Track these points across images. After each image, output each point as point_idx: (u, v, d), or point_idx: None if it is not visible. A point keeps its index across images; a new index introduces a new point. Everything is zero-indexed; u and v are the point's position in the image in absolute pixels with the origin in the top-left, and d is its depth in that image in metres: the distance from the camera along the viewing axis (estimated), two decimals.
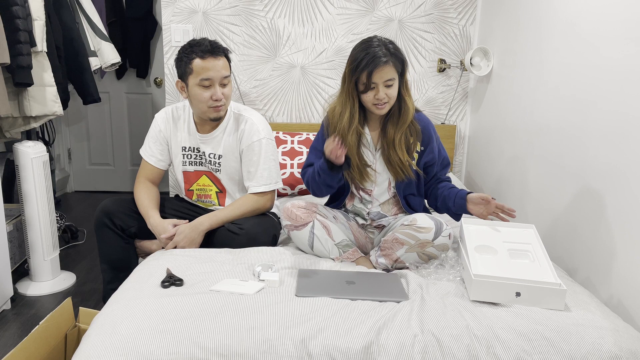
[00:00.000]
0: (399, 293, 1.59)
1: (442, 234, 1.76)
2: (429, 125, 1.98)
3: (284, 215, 1.92)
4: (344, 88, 1.89)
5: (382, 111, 1.86)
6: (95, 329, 1.39)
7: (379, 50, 1.79)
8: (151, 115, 4.09)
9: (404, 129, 1.89)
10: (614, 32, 1.82)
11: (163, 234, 1.95)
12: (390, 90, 1.83)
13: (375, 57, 1.78)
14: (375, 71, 1.78)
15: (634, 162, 1.69)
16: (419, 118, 1.97)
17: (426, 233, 1.75)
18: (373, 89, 1.82)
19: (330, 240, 1.87)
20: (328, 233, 1.88)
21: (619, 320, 1.49)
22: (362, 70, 1.79)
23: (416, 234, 1.76)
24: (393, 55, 1.81)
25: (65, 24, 2.74)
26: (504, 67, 2.77)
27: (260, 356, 1.32)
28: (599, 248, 1.87)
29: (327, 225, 1.88)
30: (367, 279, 1.70)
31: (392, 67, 1.80)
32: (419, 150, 1.95)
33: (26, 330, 2.19)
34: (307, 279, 1.66)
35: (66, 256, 3.00)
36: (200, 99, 1.96)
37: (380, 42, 1.82)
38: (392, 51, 1.82)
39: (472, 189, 3.10)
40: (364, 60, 1.79)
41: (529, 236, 1.79)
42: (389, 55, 1.80)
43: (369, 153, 1.95)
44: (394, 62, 1.80)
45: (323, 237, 1.87)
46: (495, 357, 1.34)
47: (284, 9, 3.07)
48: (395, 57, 1.81)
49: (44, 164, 2.54)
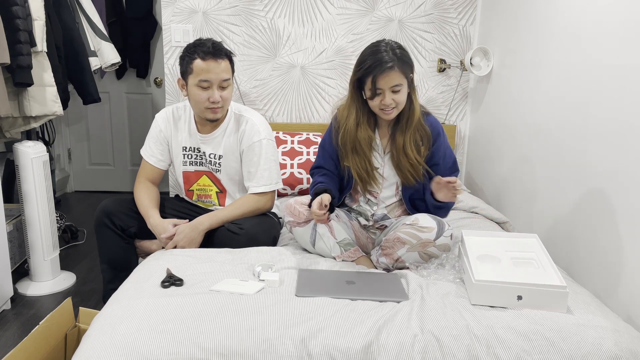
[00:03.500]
0: (399, 293, 1.59)
1: (444, 234, 1.75)
2: (439, 128, 1.94)
3: (287, 211, 1.92)
4: (350, 91, 1.88)
5: (389, 116, 1.83)
6: (95, 329, 1.39)
7: (385, 55, 1.75)
8: (151, 115, 4.09)
9: (411, 132, 1.86)
10: (614, 32, 1.82)
11: (163, 234, 1.95)
12: (398, 95, 1.78)
13: (382, 62, 1.74)
14: (380, 77, 1.74)
15: (634, 162, 1.69)
16: (430, 122, 1.93)
17: (428, 233, 1.75)
18: (380, 95, 1.78)
19: (332, 238, 1.87)
20: (330, 231, 1.87)
21: (619, 320, 1.49)
22: (367, 75, 1.76)
23: (418, 234, 1.75)
24: (400, 60, 1.76)
25: (65, 24, 2.74)
26: (504, 67, 2.77)
27: (260, 356, 1.32)
28: (599, 248, 1.87)
29: (329, 223, 1.88)
30: (367, 278, 1.70)
31: (399, 72, 1.76)
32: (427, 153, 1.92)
33: (26, 330, 2.19)
34: (307, 279, 1.66)
35: (66, 256, 3.00)
36: (197, 99, 1.96)
37: (388, 47, 1.77)
38: (399, 56, 1.77)
39: (472, 189, 3.10)
40: (370, 65, 1.75)
41: (532, 245, 1.76)
42: (395, 60, 1.75)
43: (377, 156, 1.94)
44: (400, 67, 1.75)
45: (325, 234, 1.87)
46: (495, 357, 1.34)
47: (284, 9, 3.07)
48: (402, 62, 1.77)
49: (44, 164, 2.54)
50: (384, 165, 1.94)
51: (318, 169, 2.01)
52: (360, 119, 1.88)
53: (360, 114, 1.88)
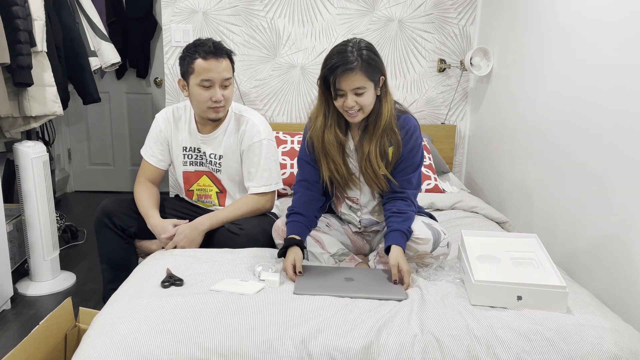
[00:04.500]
0: (398, 291, 1.59)
1: (440, 244, 1.72)
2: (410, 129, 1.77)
3: (276, 234, 1.89)
4: (319, 91, 1.76)
5: (354, 119, 1.71)
6: (95, 329, 1.39)
7: (350, 55, 1.63)
8: (151, 115, 4.09)
9: (377, 139, 1.73)
10: (614, 32, 1.82)
11: (163, 234, 1.95)
12: (362, 98, 1.66)
13: (345, 62, 1.62)
14: (342, 78, 1.63)
15: (634, 161, 1.69)
16: (402, 123, 1.77)
17: (424, 245, 1.71)
18: (342, 96, 1.67)
19: (326, 254, 1.84)
20: (322, 247, 1.85)
21: (619, 320, 1.49)
22: (330, 74, 1.65)
23: (414, 246, 1.72)
24: (365, 61, 1.63)
25: (65, 24, 2.74)
26: (504, 67, 2.77)
27: (260, 356, 1.32)
28: (598, 248, 1.87)
29: (319, 239, 1.85)
30: (366, 276, 1.69)
31: (362, 75, 1.63)
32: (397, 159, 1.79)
33: (26, 330, 2.19)
34: (305, 277, 1.66)
35: (66, 256, 3.00)
36: (199, 99, 1.96)
37: (355, 47, 1.65)
38: (365, 57, 1.64)
39: (472, 189, 3.10)
40: (332, 64, 1.64)
41: (532, 245, 1.76)
42: (359, 62, 1.62)
43: (352, 161, 1.83)
44: (364, 69, 1.63)
45: (317, 251, 1.84)
46: (495, 357, 1.34)
47: (284, 9, 3.07)
48: (368, 64, 1.64)
49: (44, 164, 2.54)
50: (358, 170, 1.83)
51: (302, 182, 1.86)
52: (329, 121, 1.76)
53: (329, 115, 1.76)
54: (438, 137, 3.19)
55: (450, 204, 2.55)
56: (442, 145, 3.19)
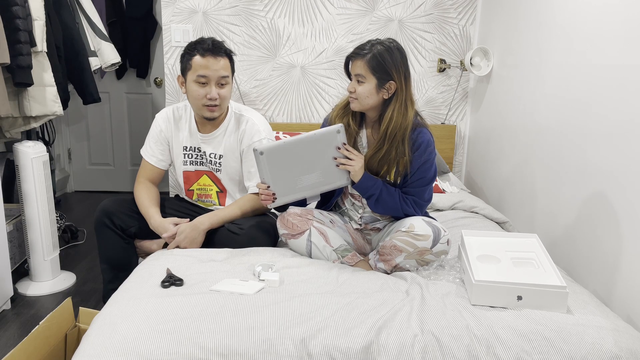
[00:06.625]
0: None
1: (440, 240, 1.74)
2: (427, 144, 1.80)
3: (280, 224, 1.91)
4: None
5: (352, 105, 1.83)
6: (95, 329, 1.39)
7: (367, 44, 1.77)
8: (151, 115, 4.09)
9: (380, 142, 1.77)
10: (614, 32, 1.82)
11: (164, 234, 1.95)
12: (359, 87, 1.77)
13: (359, 49, 1.77)
14: (351, 62, 1.79)
15: (634, 162, 1.69)
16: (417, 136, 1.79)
17: (424, 241, 1.73)
18: (351, 80, 1.82)
19: (329, 247, 1.86)
20: (326, 240, 1.86)
21: (619, 320, 1.49)
22: (349, 57, 1.81)
23: (414, 242, 1.73)
24: (374, 56, 1.73)
25: (65, 24, 2.74)
26: (504, 67, 2.77)
27: (260, 356, 1.32)
28: (599, 248, 1.87)
29: (324, 231, 1.87)
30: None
31: (365, 65, 1.74)
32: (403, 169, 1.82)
33: (26, 330, 2.19)
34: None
35: (66, 256, 3.00)
36: (195, 96, 1.97)
37: (377, 41, 1.78)
38: (376, 52, 1.73)
39: (472, 189, 3.10)
40: (353, 49, 1.80)
41: (532, 245, 1.76)
42: (369, 53, 1.74)
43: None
44: (369, 62, 1.73)
45: (320, 244, 1.86)
46: (495, 357, 1.34)
47: (284, 9, 3.07)
48: (375, 59, 1.73)
49: (44, 164, 2.54)
50: None
51: None
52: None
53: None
54: (438, 137, 3.19)
55: (450, 204, 2.56)
56: (442, 145, 3.19)
